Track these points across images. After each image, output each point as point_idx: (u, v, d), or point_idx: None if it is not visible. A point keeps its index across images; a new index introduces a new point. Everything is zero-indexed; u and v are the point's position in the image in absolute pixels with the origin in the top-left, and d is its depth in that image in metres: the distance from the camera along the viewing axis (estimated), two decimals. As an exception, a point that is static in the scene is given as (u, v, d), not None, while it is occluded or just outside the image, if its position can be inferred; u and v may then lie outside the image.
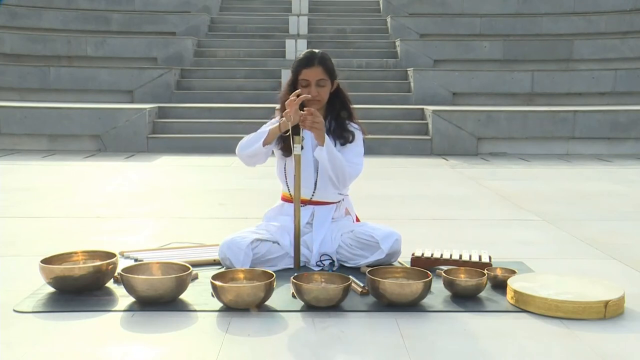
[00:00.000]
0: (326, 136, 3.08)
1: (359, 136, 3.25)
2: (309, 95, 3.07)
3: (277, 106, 3.30)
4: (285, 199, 3.30)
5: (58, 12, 13.60)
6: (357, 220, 3.43)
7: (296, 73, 3.15)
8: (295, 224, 3.10)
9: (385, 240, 3.11)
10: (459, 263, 3.10)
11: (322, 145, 3.06)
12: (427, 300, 2.69)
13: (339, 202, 3.31)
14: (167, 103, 10.14)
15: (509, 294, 2.71)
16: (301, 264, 3.18)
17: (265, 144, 3.12)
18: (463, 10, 14.23)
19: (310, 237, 3.19)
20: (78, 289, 2.75)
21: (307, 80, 3.11)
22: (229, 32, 13.75)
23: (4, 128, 8.62)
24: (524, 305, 2.61)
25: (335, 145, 3.17)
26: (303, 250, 3.17)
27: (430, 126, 8.82)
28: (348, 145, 3.22)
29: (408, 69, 11.43)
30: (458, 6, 14.29)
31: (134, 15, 13.90)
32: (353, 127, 3.25)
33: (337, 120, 3.23)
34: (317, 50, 3.22)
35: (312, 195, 3.21)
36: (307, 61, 3.13)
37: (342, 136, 3.20)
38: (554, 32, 13.23)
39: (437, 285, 2.82)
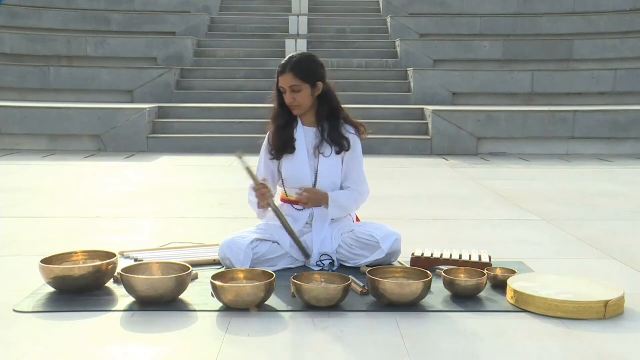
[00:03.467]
0: (329, 196, 3.14)
1: (356, 146, 3.20)
2: (269, 191, 3.07)
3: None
4: (284, 200, 3.30)
5: (58, 12, 13.60)
6: (357, 219, 3.43)
7: (276, 80, 3.16)
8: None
9: (386, 240, 3.10)
10: (459, 263, 3.10)
11: (327, 207, 3.15)
12: (427, 300, 2.69)
13: None
14: (167, 103, 10.13)
15: (509, 294, 2.71)
16: (300, 264, 3.18)
17: (263, 217, 3.23)
18: (463, 10, 14.23)
19: (310, 238, 3.19)
20: (78, 289, 2.75)
21: (283, 87, 3.12)
22: (229, 32, 13.75)
23: (4, 128, 8.62)
24: (524, 305, 2.61)
25: (331, 153, 3.15)
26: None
27: (430, 126, 8.82)
28: (347, 159, 3.18)
29: (408, 69, 11.43)
30: (458, 6, 14.29)
31: (134, 15, 13.90)
32: (349, 132, 3.20)
33: (331, 123, 3.17)
34: (297, 54, 3.18)
35: (316, 182, 3.19)
36: (280, 68, 3.12)
37: (337, 142, 3.15)
38: (554, 32, 13.23)
39: (437, 285, 2.82)
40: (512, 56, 12.44)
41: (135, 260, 3.26)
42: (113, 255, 2.96)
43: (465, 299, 2.74)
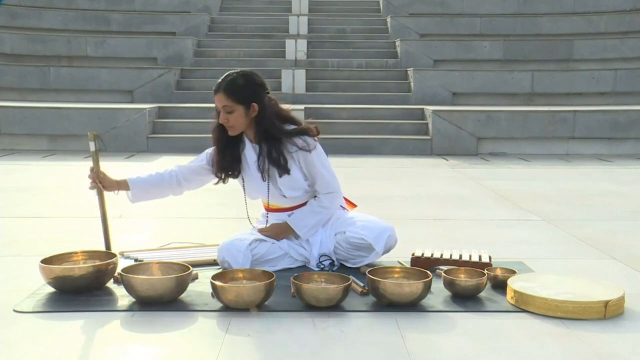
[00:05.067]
0: (290, 224, 3.15)
1: (309, 157, 3.06)
2: None
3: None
4: (268, 209, 3.31)
5: (58, 12, 13.61)
6: (348, 203, 3.39)
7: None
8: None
9: (378, 241, 3.08)
10: (459, 263, 3.10)
11: (299, 233, 3.15)
12: (427, 300, 2.69)
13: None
14: (167, 103, 10.14)
15: (509, 294, 2.71)
16: (300, 264, 3.19)
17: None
18: (463, 10, 14.24)
19: (308, 240, 3.19)
20: (78, 289, 2.75)
21: (217, 106, 3.05)
22: (229, 32, 13.76)
23: (4, 128, 8.62)
24: (524, 305, 2.61)
25: (269, 177, 3.10)
26: (300, 250, 3.18)
27: (430, 126, 8.82)
28: (305, 169, 3.08)
29: (408, 69, 11.43)
30: (458, 6, 14.30)
31: (134, 15, 13.90)
32: (291, 151, 3.04)
33: (270, 144, 3.03)
34: (233, 72, 3.05)
35: (268, 201, 3.22)
36: (215, 87, 3.01)
37: (277, 164, 3.04)
38: (554, 32, 13.24)
39: (437, 285, 2.82)
40: (512, 56, 12.44)
41: (135, 260, 3.26)
42: (113, 255, 2.96)
43: (465, 299, 2.74)
